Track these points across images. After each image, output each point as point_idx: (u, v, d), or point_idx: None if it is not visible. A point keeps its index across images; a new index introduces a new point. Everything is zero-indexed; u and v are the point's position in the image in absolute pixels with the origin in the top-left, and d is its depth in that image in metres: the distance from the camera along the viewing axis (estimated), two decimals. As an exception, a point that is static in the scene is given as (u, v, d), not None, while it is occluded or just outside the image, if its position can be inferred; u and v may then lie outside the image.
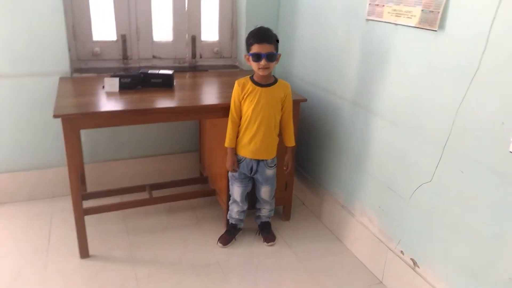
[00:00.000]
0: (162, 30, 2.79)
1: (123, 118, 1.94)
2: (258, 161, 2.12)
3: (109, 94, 2.12)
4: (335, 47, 2.29)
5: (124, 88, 2.19)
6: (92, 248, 2.14)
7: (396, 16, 1.82)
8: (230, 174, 2.19)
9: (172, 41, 2.83)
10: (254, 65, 1.97)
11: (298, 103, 2.29)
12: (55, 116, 1.76)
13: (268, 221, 2.38)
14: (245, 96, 2.02)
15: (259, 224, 2.38)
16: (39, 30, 2.32)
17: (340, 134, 2.32)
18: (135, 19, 2.66)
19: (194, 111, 2.09)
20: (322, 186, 2.55)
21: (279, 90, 2.05)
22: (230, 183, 2.22)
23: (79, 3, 2.49)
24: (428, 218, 1.77)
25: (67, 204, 2.00)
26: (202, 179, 2.74)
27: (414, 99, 1.78)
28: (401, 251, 1.95)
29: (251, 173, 2.15)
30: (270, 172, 2.17)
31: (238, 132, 2.09)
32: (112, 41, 2.66)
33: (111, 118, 1.91)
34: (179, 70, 2.77)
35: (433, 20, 1.62)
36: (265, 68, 1.94)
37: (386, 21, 1.88)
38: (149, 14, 2.70)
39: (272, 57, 1.94)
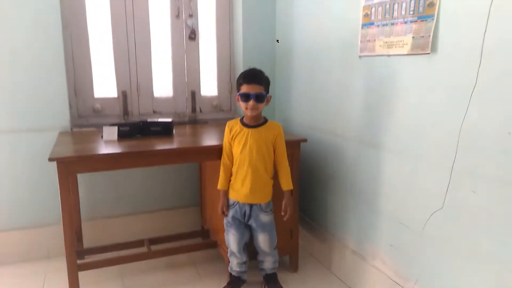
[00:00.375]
0: (163, 86, 2.85)
1: (120, 160, 1.90)
2: (251, 206, 2.00)
3: (108, 142, 2.10)
4: (332, 87, 2.31)
5: (123, 136, 2.18)
6: (85, 306, 1.98)
7: (388, 47, 1.86)
8: (225, 221, 2.07)
9: (172, 96, 2.89)
10: (242, 105, 1.94)
11: (298, 144, 2.26)
12: (50, 160, 1.72)
13: (273, 273, 2.19)
14: (233, 138, 1.99)
15: (264, 276, 2.21)
16: (41, 86, 2.38)
17: (344, 173, 2.25)
18: (135, 76, 2.74)
19: (193, 153, 2.06)
20: (330, 232, 2.42)
21: (268, 130, 1.99)
22: (225, 232, 2.09)
23: (81, 60, 2.58)
24: (444, 248, 1.64)
25: (63, 264, 1.89)
26: (203, 232, 2.62)
27: (417, 126, 1.74)
28: (420, 292, 1.78)
29: (244, 218, 2.02)
30: (265, 218, 2.02)
31: (230, 175, 2.03)
32: (113, 97, 2.71)
33: (108, 161, 1.87)
34: (179, 123, 2.78)
35: (425, 44, 1.64)
36: (253, 108, 1.91)
37: (379, 54, 1.91)
38: (149, 71, 2.78)
39: (261, 98, 1.91)
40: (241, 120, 2.02)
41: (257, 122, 1.99)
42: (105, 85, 2.68)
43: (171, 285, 2.23)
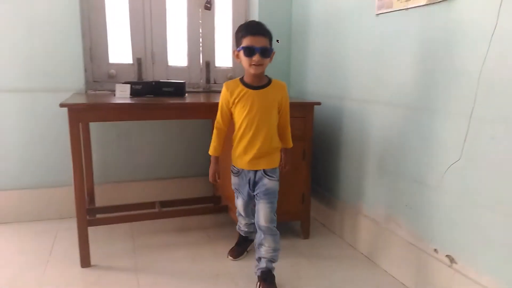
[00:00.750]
0: (177, 55, 2.85)
1: (130, 111, 1.90)
2: (255, 172, 1.80)
3: (120, 99, 2.11)
4: (348, 51, 2.27)
5: (136, 95, 2.19)
6: (94, 259, 1.99)
7: (406, 0, 1.81)
8: (233, 186, 1.93)
9: (186, 66, 2.88)
10: (245, 61, 1.69)
11: (311, 107, 2.22)
12: (61, 105, 1.73)
13: (269, 269, 1.79)
14: (235, 102, 1.75)
15: (259, 274, 1.79)
16: (57, 49, 2.41)
17: (357, 138, 2.20)
18: (150, 44, 2.74)
19: (204, 108, 2.04)
20: (342, 200, 2.37)
21: (274, 91, 1.77)
22: (235, 195, 1.96)
23: (97, 26, 2.60)
24: (462, 203, 1.58)
25: (75, 224, 1.90)
26: (214, 198, 2.60)
27: (433, 77, 1.69)
28: (435, 250, 1.72)
29: (250, 187, 1.83)
30: (270, 183, 1.78)
31: (232, 141, 1.82)
32: (128, 64, 2.72)
33: (118, 111, 1.87)
34: (193, 93, 2.78)
35: (444, -10, 1.59)
36: (258, 65, 1.67)
37: (397, 9, 1.86)
38: (164, 39, 2.78)
39: (266, 52, 1.68)
40: (242, 81, 1.77)
41: (262, 82, 1.77)
42: (120, 51, 2.69)
43: (181, 245, 2.22)
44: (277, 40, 1.71)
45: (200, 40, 2.87)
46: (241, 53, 1.69)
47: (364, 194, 2.18)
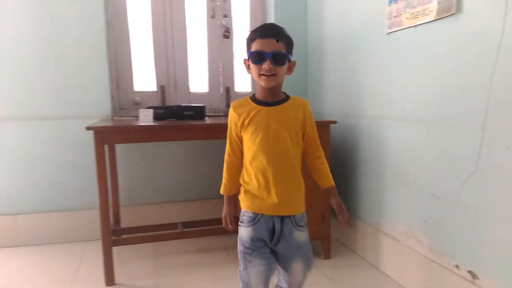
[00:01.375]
0: (198, 81, 2.97)
1: (151, 133, 1.99)
2: (282, 219, 1.35)
3: (143, 123, 2.21)
4: (361, 70, 2.31)
5: (158, 119, 2.29)
6: (119, 278, 2.05)
7: (414, 18, 1.85)
8: (239, 248, 1.38)
9: (207, 92, 2.99)
10: (254, 71, 1.33)
11: (327, 125, 2.26)
12: (88, 128, 1.84)
13: None
14: (245, 124, 1.37)
15: None
16: (85, 79, 2.56)
17: (374, 155, 2.21)
18: (173, 72, 2.88)
19: (224, 128, 2.07)
20: (362, 218, 2.36)
21: (294, 108, 1.38)
22: (241, 266, 1.37)
23: (122, 56, 2.75)
24: (480, 216, 1.56)
25: (101, 245, 1.98)
26: (236, 219, 2.63)
27: (445, 92, 1.70)
28: (456, 266, 1.69)
29: (272, 239, 1.35)
30: (301, 236, 1.38)
31: (242, 176, 1.42)
32: (152, 91, 2.85)
33: (140, 133, 1.96)
34: (213, 117, 2.87)
35: (450, 6, 1.63)
36: (270, 73, 1.30)
37: (406, 27, 1.91)
38: (186, 67, 2.91)
39: (280, 59, 1.30)
40: (253, 98, 1.41)
41: (277, 98, 1.38)
42: (144, 79, 2.84)
43: (202, 265, 2.25)
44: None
45: (220, 67, 2.99)
46: (250, 61, 1.34)
47: (384, 211, 2.17)
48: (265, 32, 1.32)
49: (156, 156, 2.77)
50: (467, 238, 1.62)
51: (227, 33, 2.97)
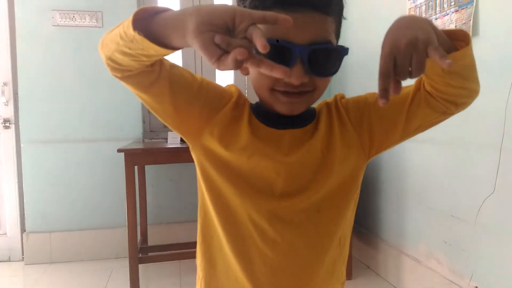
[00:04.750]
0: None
1: (179, 155, 2.10)
2: None
3: (171, 145, 2.33)
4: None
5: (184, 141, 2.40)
6: (144, 294, 2.13)
7: (431, 42, 1.91)
8: None
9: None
10: (261, 78, 0.68)
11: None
12: (119, 150, 1.97)
13: None
14: (228, 137, 0.73)
15: None
16: (119, 103, 2.73)
17: (395, 175, 2.24)
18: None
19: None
20: (384, 239, 2.36)
21: (329, 116, 0.78)
22: None
23: (154, 83, 2.92)
24: (499, 237, 1.56)
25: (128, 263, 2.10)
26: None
27: (462, 113, 1.73)
28: (476, 287, 1.68)
29: None
30: None
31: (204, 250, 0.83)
32: (180, 115, 2.99)
33: (169, 155, 2.08)
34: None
35: (467, 29, 1.68)
36: (298, 92, 0.68)
37: (423, 51, 1.96)
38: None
39: (327, 60, 0.67)
40: (255, 110, 0.76)
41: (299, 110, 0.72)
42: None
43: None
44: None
45: (246, 92, 3.11)
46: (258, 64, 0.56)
47: (405, 232, 2.17)
48: None
49: (182, 176, 2.88)
50: (487, 259, 1.62)
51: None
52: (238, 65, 0.49)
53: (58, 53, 2.66)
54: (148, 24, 0.56)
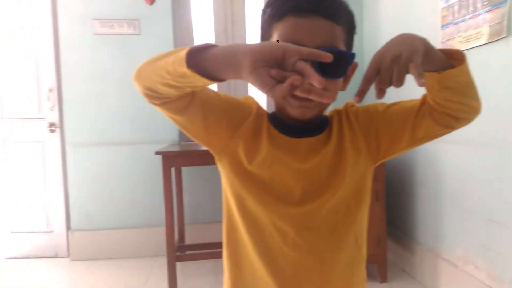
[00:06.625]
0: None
1: (213, 157, 2.15)
2: None
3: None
4: (414, 94, 2.33)
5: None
6: (181, 291, 2.21)
7: (467, 42, 1.87)
8: None
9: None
10: (277, 91, 0.58)
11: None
12: (157, 153, 2.05)
13: None
14: (251, 150, 0.80)
15: None
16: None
17: (431, 177, 2.20)
18: (234, 90, 3.08)
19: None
20: (420, 242, 2.33)
21: (341, 125, 0.82)
22: None
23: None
24: (539, 240, 1.51)
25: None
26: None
27: (500, 113, 1.69)
28: (516, 293, 1.63)
29: None
30: None
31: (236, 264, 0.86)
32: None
33: (203, 157, 2.12)
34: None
35: (501, 29, 1.64)
36: (312, 94, 0.59)
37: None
38: (245, 93, 3.09)
39: (337, 64, 0.65)
40: (272, 119, 0.81)
41: (311, 116, 0.77)
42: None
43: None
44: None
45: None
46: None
47: (441, 235, 2.14)
48: (308, 2, 0.71)
49: (216, 177, 2.92)
50: (527, 264, 1.57)
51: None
52: (292, 90, 0.57)
53: (99, 60, 2.80)
54: (198, 60, 0.62)
